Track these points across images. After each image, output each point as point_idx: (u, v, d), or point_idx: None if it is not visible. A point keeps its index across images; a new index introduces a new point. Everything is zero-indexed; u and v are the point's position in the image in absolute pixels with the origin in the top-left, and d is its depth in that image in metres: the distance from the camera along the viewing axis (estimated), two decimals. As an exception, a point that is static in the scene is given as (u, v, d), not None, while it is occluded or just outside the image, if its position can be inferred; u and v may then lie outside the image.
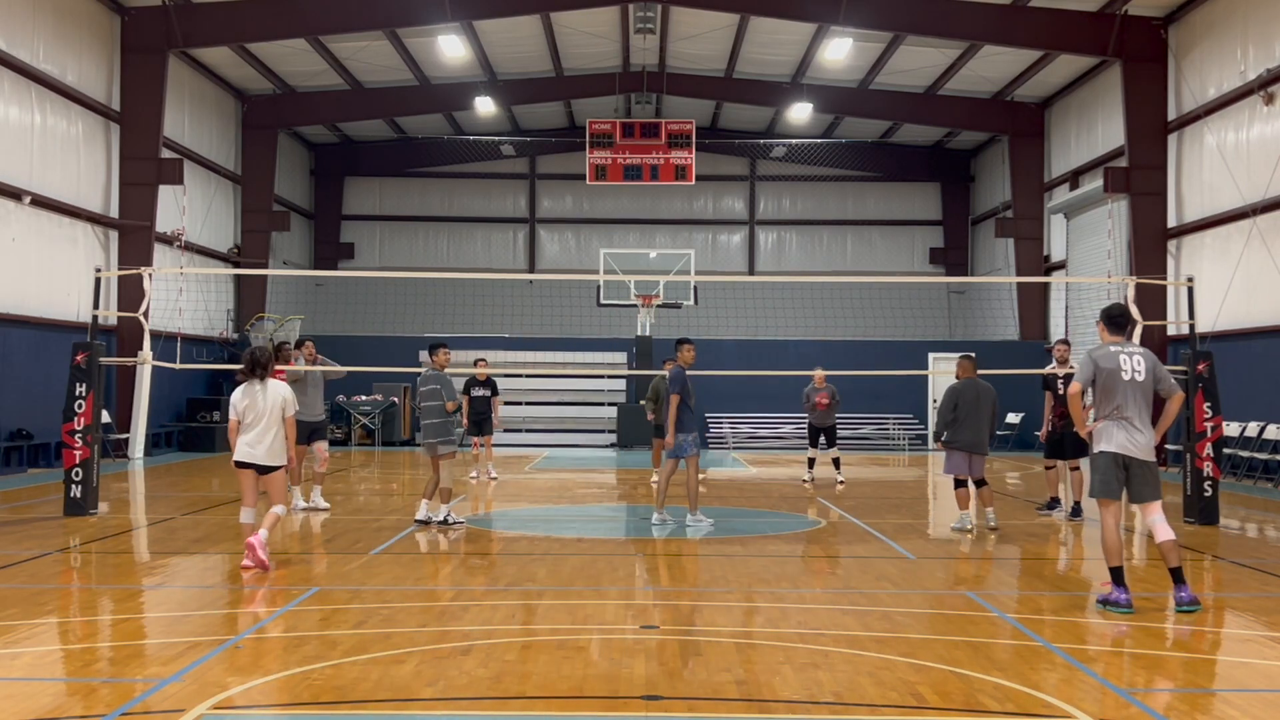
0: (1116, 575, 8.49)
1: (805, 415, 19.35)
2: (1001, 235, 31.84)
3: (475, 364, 19.19)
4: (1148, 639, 7.81)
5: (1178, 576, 8.48)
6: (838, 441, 19.07)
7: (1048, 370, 15.24)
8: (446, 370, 13.24)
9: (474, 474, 19.43)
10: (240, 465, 10.03)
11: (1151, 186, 23.88)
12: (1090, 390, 8.75)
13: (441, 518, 12.96)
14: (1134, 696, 6.19)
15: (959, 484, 13.12)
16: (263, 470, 9.96)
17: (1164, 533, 8.48)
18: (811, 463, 19.15)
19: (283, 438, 9.99)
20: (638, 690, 6.21)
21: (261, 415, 9.93)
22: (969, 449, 12.92)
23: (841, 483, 18.47)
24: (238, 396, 10.03)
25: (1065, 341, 15.41)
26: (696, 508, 13.25)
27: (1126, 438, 8.51)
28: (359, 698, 6.08)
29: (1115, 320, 8.94)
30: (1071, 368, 15.40)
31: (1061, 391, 14.69)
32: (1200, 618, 8.80)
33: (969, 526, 12.95)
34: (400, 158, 36.10)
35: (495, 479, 19.05)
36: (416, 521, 13.02)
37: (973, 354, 13.73)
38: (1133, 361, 8.59)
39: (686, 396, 13.08)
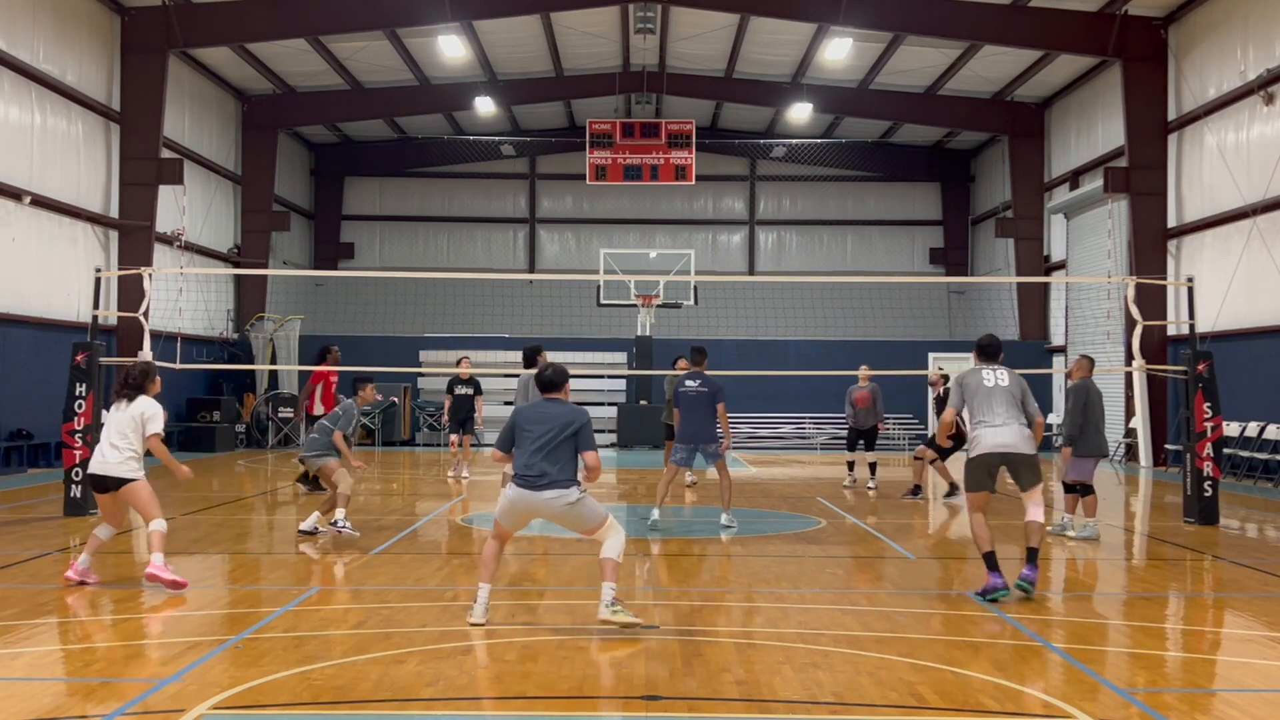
0: None
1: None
2: (1001, 235, 31.84)
3: (458, 363, 19.08)
4: (1148, 639, 7.81)
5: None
6: (877, 446, 18.48)
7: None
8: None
9: (451, 473, 19.19)
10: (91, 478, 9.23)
11: (1151, 186, 23.88)
12: None
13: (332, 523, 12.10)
14: (1134, 696, 6.19)
15: (1071, 489, 12.60)
16: (115, 485, 9.09)
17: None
18: (851, 465, 18.61)
19: (131, 452, 9.07)
20: (638, 690, 6.21)
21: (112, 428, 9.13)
22: (1099, 454, 12.39)
23: (872, 488, 17.79)
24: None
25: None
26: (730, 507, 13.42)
27: None
28: (359, 698, 6.08)
29: None
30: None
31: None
32: (1200, 617, 8.81)
33: (1075, 531, 12.47)
34: (400, 158, 36.10)
35: (467, 478, 18.77)
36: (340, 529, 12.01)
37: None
38: None
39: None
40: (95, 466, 9.13)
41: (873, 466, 18.36)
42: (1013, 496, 17.68)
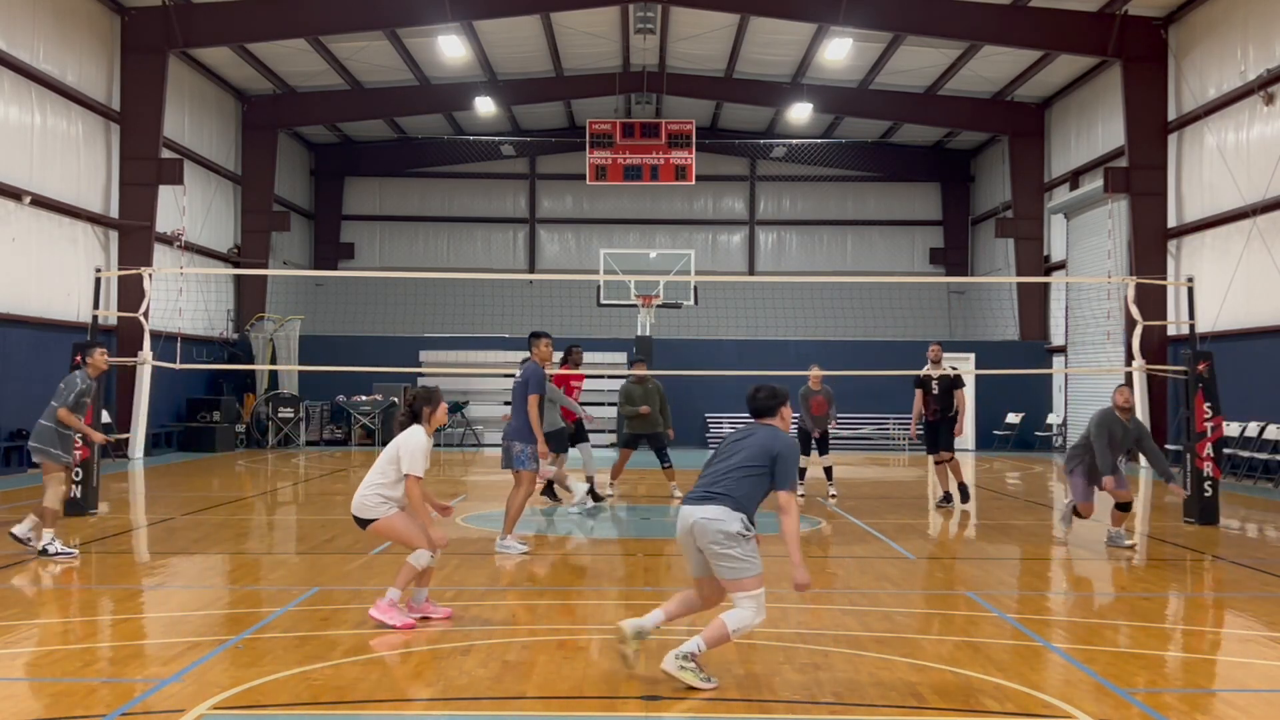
0: None
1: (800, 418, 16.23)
2: (1001, 235, 31.83)
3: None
4: (1148, 639, 7.81)
5: None
6: (830, 449, 16.58)
7: (922, 372, 15.62)
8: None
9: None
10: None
11: (1151, 186, 23.89)
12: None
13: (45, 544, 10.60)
14: (1134, 696, 6.19)
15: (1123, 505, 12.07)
16: (361, 524, 8.11)
17: None
18: (802, 473, 16.30)
19: (378, 488, 8.00)
20: (638, 690, 6.21)
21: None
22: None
23: (834, 495, 16.21)
24: None
25: (939, 343, 16.08)
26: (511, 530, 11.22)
27: None
28: (359, 698, 6.08)
29: None
30: (948, 370, 15.45)
31: (935, 391, 15.28)
32: (1200, 617, 8.81)
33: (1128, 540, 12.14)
34: (400, 158, 36.10)
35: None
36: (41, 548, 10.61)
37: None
38: None
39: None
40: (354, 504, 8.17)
41: (829, 470, 16.54)
42: (1008, 496, 17.69)
